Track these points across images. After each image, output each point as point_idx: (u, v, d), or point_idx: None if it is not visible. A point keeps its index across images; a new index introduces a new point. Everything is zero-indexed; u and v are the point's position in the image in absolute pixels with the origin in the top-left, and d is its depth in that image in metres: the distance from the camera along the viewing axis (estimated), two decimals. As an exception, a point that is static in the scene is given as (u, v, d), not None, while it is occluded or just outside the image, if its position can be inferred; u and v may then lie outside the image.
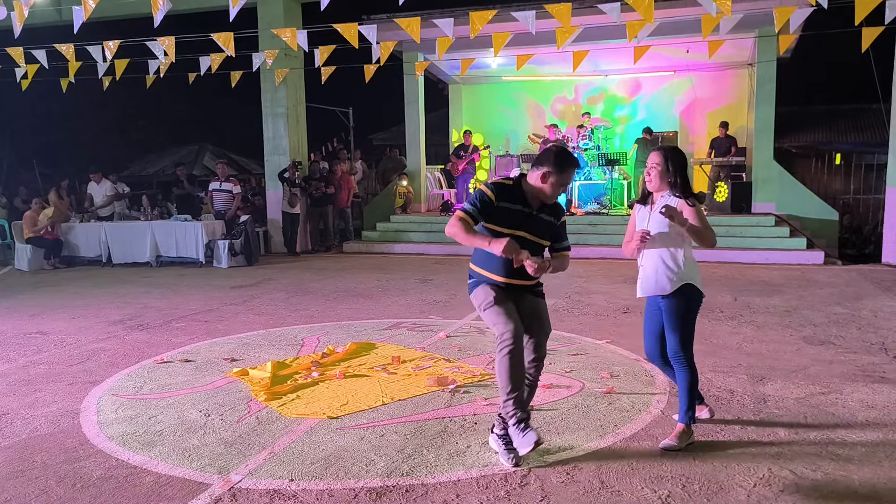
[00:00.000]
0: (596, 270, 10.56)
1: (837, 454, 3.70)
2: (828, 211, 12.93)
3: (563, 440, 3.91)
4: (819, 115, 20.11)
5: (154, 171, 24.97)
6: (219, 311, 8.01)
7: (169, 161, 24.59)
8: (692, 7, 9.23)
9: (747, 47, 13.81)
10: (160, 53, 10.23)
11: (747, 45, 13.63)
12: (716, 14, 8.20)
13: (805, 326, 6.69)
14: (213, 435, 4.09)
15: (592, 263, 11.39)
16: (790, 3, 9.30)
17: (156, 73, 11.41)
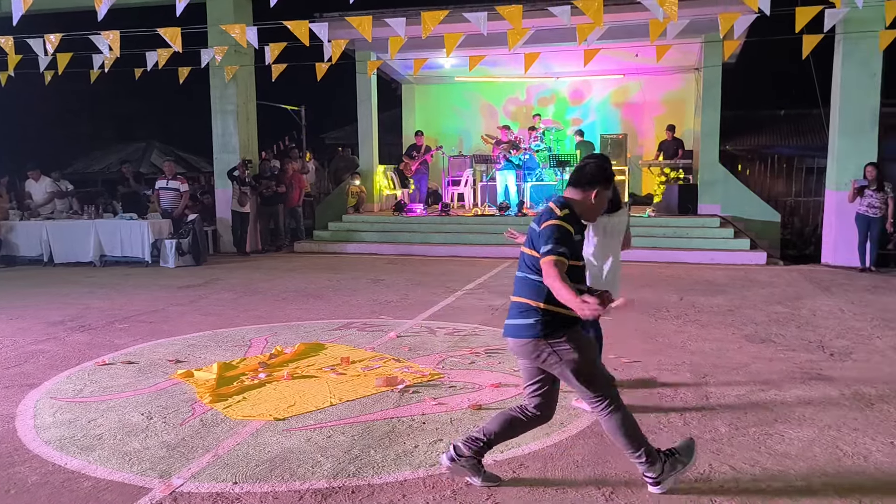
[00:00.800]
0: (547, 270, 10.63)
1: (775, 449, 3.80)
2: (770, 213, 13.30)
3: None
4: (763, 120, 20.66)
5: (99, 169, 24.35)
6: (164, 311, 7.84)
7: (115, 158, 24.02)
8: (640, 12, 9.38)
9: (694, 52, 14.12)
10: (104, 48, 9.96)
11: (694, 50, 13.94)
12: (663, 19, 8.34)
13: (747, 325, 6.87)
14: (154, 438, 4.00)
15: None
16: (734, 9, 9.52)
17: (100, 67, 11.10)
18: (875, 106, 11.01)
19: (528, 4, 10.48)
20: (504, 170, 14.37)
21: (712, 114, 13.34)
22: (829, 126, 11.75)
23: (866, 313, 7.45)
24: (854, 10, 9.21)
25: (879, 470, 3.54)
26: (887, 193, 10.37)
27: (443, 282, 9.63)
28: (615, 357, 5.63)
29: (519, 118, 17.33)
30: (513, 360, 5.54)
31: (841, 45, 11.11)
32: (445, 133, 17.93)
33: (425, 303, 8.14)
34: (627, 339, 6.30)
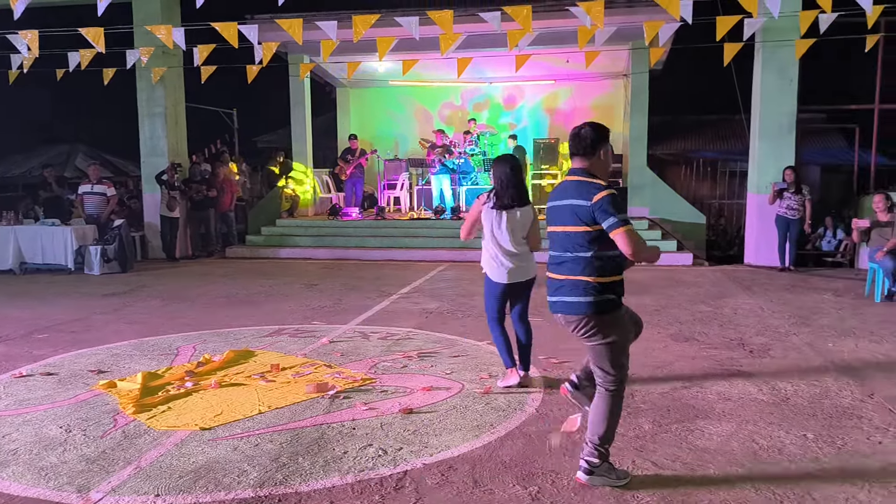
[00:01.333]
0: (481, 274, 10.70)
1: (696, 445, 3.93)
2: (696, 215, 13.74)
3: (439, 442, 3.96)
4: (688, 125, 21.31)
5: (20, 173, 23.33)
6: (87, 320, 7.58)
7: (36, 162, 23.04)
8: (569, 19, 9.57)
9: (622, 59, 14.46)
10: (23, 48, 9.58)
11: (622, 57, 14.28)
12: (590, 26, 8.54)
13: (672, 324, 7.07)
14: (73, 451, 3.86)
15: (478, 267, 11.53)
16: (658, 18, 9.80)
17: (19, 68, 10.67)
18: (792, 112, 11.50)
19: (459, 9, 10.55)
20: (439, 174, 14.43)
21: (640, 119, 13.70)
22: (750, 131, 12.21)
23: (784, 311, 7.77)
24: (771, 20, 9.62)
25: (793, 462, 3.70)
26: (805, 196, 10.83)
27: (378, 286, 9.60)
28: (545, 358, 5.73)
29: (454, 122, 17.43)
30: (444, 363, 5.58)
31: (760, 53, 11.57)
32: (381, 137, 17.90)
33: (359, 307, 8.10)
34: (557, 340, 6.40)
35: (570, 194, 3.42)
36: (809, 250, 13.17)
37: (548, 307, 3.62)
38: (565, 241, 3.44)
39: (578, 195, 3.36)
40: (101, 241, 11.56)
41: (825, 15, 8.40)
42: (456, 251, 12.52)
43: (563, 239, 3.44)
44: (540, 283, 4.33)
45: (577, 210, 3.36)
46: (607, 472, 3.43)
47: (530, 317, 5.11)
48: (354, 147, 15.50)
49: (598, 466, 3.42)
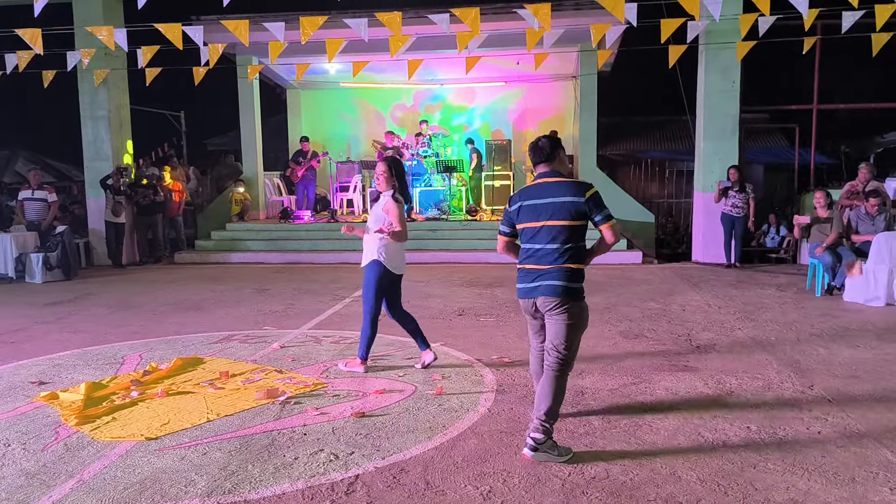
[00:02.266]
0: (435, 274, 10.75)
1: (644, 439, 3.99)
2: (645, 214, 13.98)
3: (392, 444, 3.94)
4: (636, 126, 21.70)
5: (-44, 179, 22.52)
6: (28, 330, 7.34)
7: (-27, 167, 22.28)
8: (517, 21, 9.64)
9: (572, 61, 14.64)
10: (-44, 49, 9.25)
11: (572, 59, 14.46)
12: (538, 28, 8.62)
13: (622, 322, 7.18)
14: (12, 466, 3.74)
15: (433, 268, 11.58)
16: (605, 20, 9.95)
17: (-48, 70, 10.30)
18: (736, 112, 11.79)
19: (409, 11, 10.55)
20: (392, 176, 14.36)
21: (589, 120, 13.88)
22: (695, 131, 12.48)
23: (730, 307, 7.96)
24: (713, 23, 9.84)
25: (736, 454, 3.78)
26: (748, 194, 11.11)
27: (331, 289, 9.53)
28: (497, 357, 5.76)
29: (406, 124, 17.40)
30: (397, 366, 5.56)
31: (703, 55, 11.83)
32: (333, 139, 17.77)
33: (312, 311, 8.03)
34: (508, 339, 6.45)
35: (554, 193, 3.83)
36: (754, 247, 13.52)
37: (520, 294, 3.96)
38: (553, 234, 3.81)
39: (569, 193, 3.81)
40: (44, 248, 11.22)
41: (764, 18, 8.64)
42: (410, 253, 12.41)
43: (551, 231, 3.81)
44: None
45: (570, 206, 3.77)
46: (550, 448, 3.71)
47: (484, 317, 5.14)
48: (306, 149, 15.37)
49: (542, 443, 3.70)
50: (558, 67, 15.04)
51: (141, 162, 14.59)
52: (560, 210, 3.78)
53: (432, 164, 14.79)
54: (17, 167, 22.24)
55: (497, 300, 8.45)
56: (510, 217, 4.02)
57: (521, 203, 3.93)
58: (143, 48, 9.68)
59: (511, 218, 4.01)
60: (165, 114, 23.55)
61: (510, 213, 4.01)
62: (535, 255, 3.87)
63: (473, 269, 11.27)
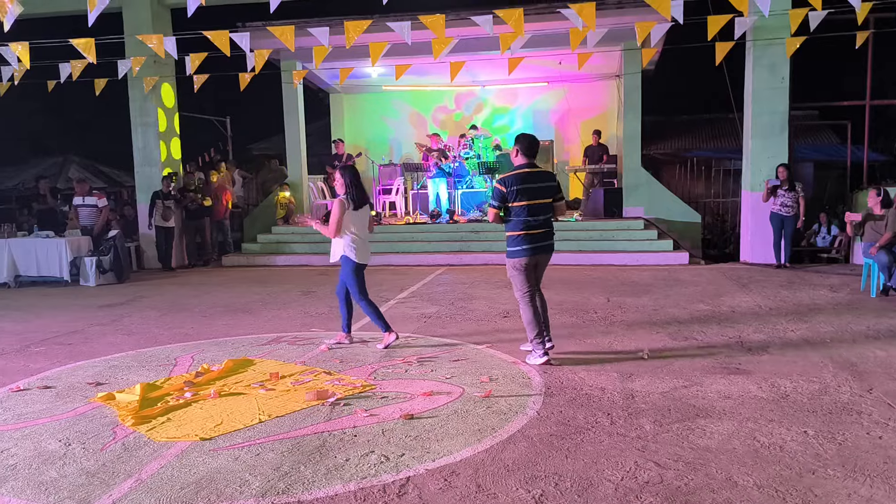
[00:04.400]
0: (478, 276, 10.74)
1: (697, 444, 3.92)
2: (692, 214, 13.76)
3: (441, 447, 3.95)
4: (681, 124, 21.37)
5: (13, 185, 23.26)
6: (84, 332, 7.55)
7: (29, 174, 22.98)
8: (560, 21, 9.59)
9: (615, 59, 14.50)
10: (13, 60, 9.55)
11: (615, 58, 14.32)
12: (582, 28, 8.55)
13: (670, 324, 7.08)
14: (73, 465, 3.84)
15: (475, 269, 11.58)
16: (650, 18, 9.84)
17: (9, 80, 10.65)
18: (785, 109, 11.54)
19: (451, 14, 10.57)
20: (435, 178, 14.44)
21: (633, 119, 13.73)
22: (743, 129, 12.24)
23: (781, 308, 7.78)
24: (762, 19, 9.67)
25: (794, 459, 3.69)
26: (798, 192, 10.87)
27: (375, 291, 9.54)
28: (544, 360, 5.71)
29: (448, 126, 17.45)
30: (445, 368, 5.57)
31: (751, 51, 11.61)
32: (375, 142, 17.91)
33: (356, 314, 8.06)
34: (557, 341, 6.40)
35: (544, 179, 5.60)
36: (804, 247, 13.21)
37: (527, 253, 5.55)
38: (544, 209, 5.56)
39: (550, 179, 5.66)
40: (96, 252, 11.53)
41: (815, 12, 8.44)
42: (453, 255, 12.53)
43: (546, 208, 5.57)
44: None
45: (552, 189, 5.60)
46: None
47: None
48: (340, 151, 15.51)
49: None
50: (601, 67, 14.92)
51: (188, 167, 14.89)
52: (548, 192, 5.55)
53: (474, 166, 14.79)
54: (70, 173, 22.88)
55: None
56: (503, 196, 5.46)
57: (516, 187, 5.43)
58: (192, 55, 9.89)
59: (505, 196, 5.46)
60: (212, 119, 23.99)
61: (504, 193, 5.46)
62: (539, 224, 5.52)
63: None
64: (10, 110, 24.18)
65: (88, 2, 7.49)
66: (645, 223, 13.00)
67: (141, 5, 13.03)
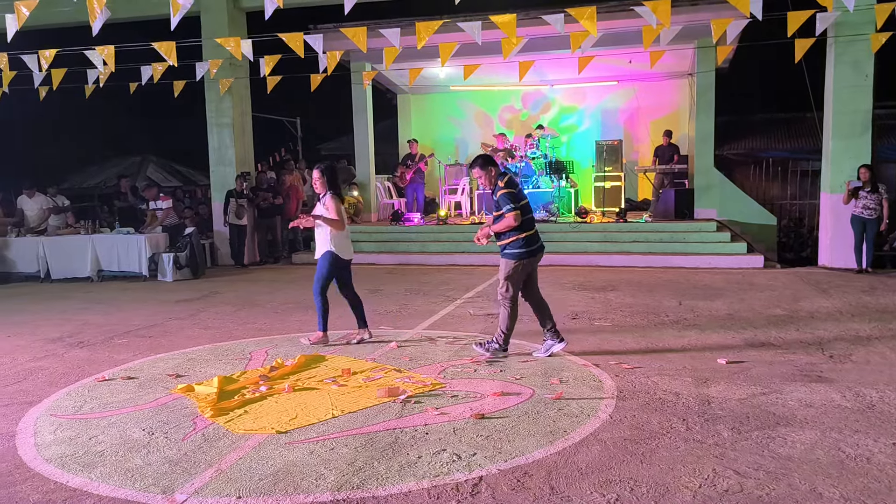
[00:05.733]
0: (545, 277, 10.61)
1: (778, 453, 3.80)
2: (767, 216, 13.32)
3: (513, 447, 3.93)
4: (757, 124, 20.74)
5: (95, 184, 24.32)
6: (163, 325, 7.82)
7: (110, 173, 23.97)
8: (634, 19, 9.43)
9: (688, 57, 14.17)
10: (99, 63, 9.96)
11: (688, 56, 14.00)
12: (656, 26, 8.39)
13: (746, 329, 6.88)
14: (157, 454, 3.98)
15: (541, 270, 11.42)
16: (727, 15, 9.56)
17: (95, 82, 11.11)
18: (868, 108, 11.06)
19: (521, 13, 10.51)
20: (501, 178, 14.38)
21: (706, 119, 13.39)
22: (822, 129, 11.80)
23: (864, 315, 7.47)
24: (845, 14, 9.28)
25: (882, 472, 3.54)
26: (881, 195, 10.41)
27: (442, 291, 9.63)
28: (616, 363, 5.64)
29: (514, 126, 17.38)
30: (514, 368, 5.55)
31: (833, 48, 11.17)
32: (441, 142, 17.97)
33: (425, 312, 8.14)
34: (626, 344, 6.31)
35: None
36: (887, 251, 12.63)
37: (533, 254, 5.90)
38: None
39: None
40: (173, 248, 11.92)
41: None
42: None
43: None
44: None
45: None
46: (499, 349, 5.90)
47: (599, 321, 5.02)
48: (414, 151, 15.61)
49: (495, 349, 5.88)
50: (673, 65, 14.59)
51: (260, 167, 15.26)
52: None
53: (541, 166, 14.69)
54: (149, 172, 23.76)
55: (611, 304, 8.29)
56: (519, 196, 5.79)
57: (518, 189, 5.88)
58: (266, 57, 10.12)
59: (520, 199, 5.79)
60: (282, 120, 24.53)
61: (520, 196, 5.83)
62: (534, 226, 5.89)
63: (583, 272, 11.10)
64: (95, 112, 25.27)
65: (172, 5, 7.74)
66: (718, 225, 12.66)
67: (218, 9, 13.42)
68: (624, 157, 15.10)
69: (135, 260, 11.78)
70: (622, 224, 13.15)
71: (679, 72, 15.59)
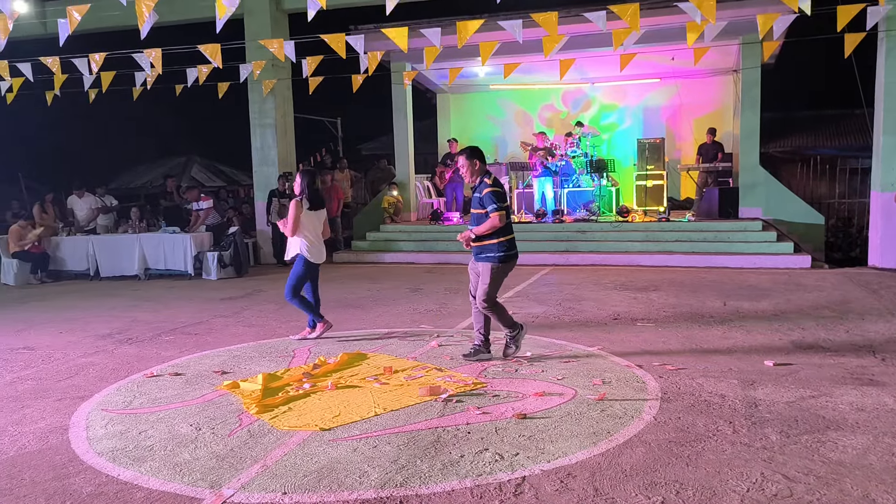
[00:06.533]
0: (585, 277, 10.58)
1: (829, 457, 3.71)
2: (814, 215, 13.01)
3: (556, 448, 3.91)
4: (804, 121, 20.28)
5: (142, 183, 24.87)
6: (208, 323, 7.97)
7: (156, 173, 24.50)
8: (677, 15, 9.31)
9: (732, 54, 13.94)
10: (146, 65, 10.18)
11: (732, 52, 13.77)
12: (700, 21, 8.26)
13: (794, 330, 6.73)
14: (204, 449, 4.06)
15: (581, 270, 11.42)
16: (774, 10, 9.37)
17: (142, 85, 11.37)
18: (922, 104, 10.74)
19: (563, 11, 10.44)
20: (541, 177, 14.33)
21: (752, 116, 13.15)
22: (873, 126, 11.49)
23: (918, 317, 7.26)
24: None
25: (940, 479, 3.44)
26: (936, 193, 10.10)
27: (481, 290, 9.59)
28: (660, 364, 5.57)
29: (554, 125, 17.28)
30: (556, 368, 5.53)
31: (884, 43, 10.88)
32: (480, 141, 17.90)
33: (464, 311, 8.13)
34: (670, 345, 6.23)
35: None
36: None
37: (514, 257, 5.99)
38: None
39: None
40: (217, 247, 12.13)
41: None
42: (559, 255, 12.40)
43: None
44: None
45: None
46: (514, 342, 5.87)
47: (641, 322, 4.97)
48: (454, 150, 15.61)
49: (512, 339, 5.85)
50: (717, 61, 14.36)
51: (301, 167, 15.42)
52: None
53: (581, 165, 14.57)
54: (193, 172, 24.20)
55: (653, 304, 8.19)
56: (505, 196, 5.74)
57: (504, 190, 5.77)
58: (308, 58, 10.23)
59: (505, 200, 5.70)
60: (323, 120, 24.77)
61: (505, 197, 5.75)
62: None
63: (624, 272, 10.99)
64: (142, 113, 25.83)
65: (217, 8, 7.86)
66: (763, 224, 12.42)
67: (261, 11, 13.61)
68: (666, 155, 14.89)
69: (180, 258, 12.02)
70: (665, 223, 12.98)
71: (723, 68, 15.33)
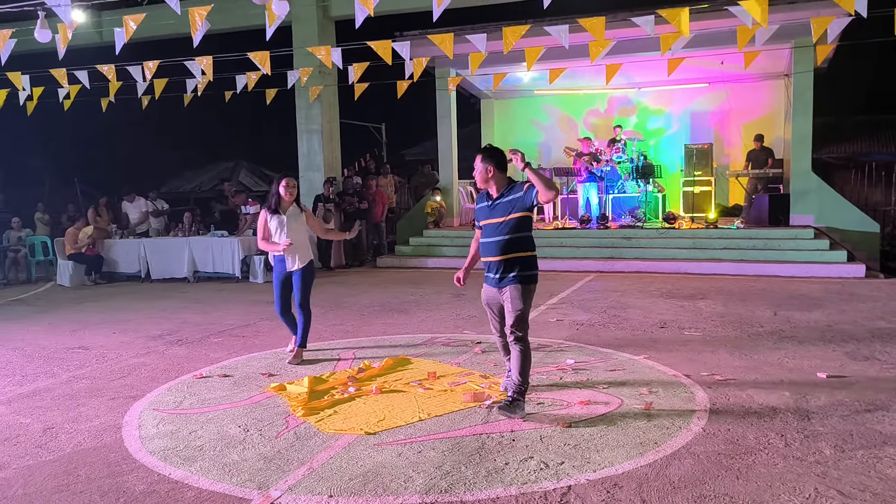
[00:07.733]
0: (631, 284, 10.45)
1: (886, 474, 3.60)
2: (868, 223, 12.63)
3: (602, 457, 3.87)
4: (858, 126, 19.74)
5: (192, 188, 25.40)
6: (256, 325, 8.09)
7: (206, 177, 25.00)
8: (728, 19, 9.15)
9: (783, 58, 13.65)
10: (198, 72, 10.41)
11: (783, 56, 13.48)
12: (752, 25, 8.11)
13: (848, 342, 6.54)
14: (252, 450, 4.12)
15: (627, 277, 11.28)
16: (828, 13, 9.16)
17: (193, 91, 11.63)
18: (985, 108, 10.36)
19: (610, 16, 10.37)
20: (586, 182, 14.23)
21: (803, 121, 12.84)
22: (933, 131, 11.12)
23: (981, 329, 6.99)
24: (960, 9, 8.72)
25: None
26: None
27: (525, 296, 9.55)
28: (708, 374, 5.47)
29: (600, 130, 17.13)
30: (601, 377, 5.47)
31: (945, 45, 10.51)
32: (524, 146, 17.75)
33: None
34: (718, 355, 6.11)
35: (510, 191, 4.91)
36: None
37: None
38: (505, 227, 5.02)
39: (516, 189, 4.89)
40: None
41: None
42: (603, 261, 12.27)
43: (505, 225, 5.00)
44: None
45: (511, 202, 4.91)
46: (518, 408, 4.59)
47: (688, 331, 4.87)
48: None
49: (514, 401, 4.62)
50: (767, 66, 14.08)
51: (346, 172, 15.59)
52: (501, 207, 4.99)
53: (626, 170, 14.42)
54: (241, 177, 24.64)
55: (701, 313, 8.04)
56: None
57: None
58: (355, 65, 10.34)
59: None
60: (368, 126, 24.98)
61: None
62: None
63: (670, 280, 10.82)
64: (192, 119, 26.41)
65: (267, 16, 8.01)
66: (815, 232, 12.11)
67: (309, 19, 13.82)
68: (714, 160, 14.65)
69: (228, 262, 12.23)
70: (712, 230, 12.76)
71: (774, 73, 15.03)
